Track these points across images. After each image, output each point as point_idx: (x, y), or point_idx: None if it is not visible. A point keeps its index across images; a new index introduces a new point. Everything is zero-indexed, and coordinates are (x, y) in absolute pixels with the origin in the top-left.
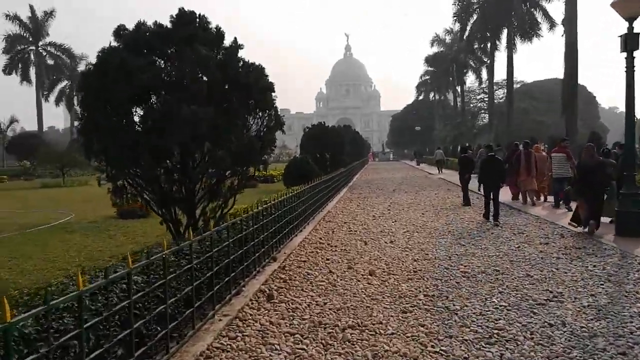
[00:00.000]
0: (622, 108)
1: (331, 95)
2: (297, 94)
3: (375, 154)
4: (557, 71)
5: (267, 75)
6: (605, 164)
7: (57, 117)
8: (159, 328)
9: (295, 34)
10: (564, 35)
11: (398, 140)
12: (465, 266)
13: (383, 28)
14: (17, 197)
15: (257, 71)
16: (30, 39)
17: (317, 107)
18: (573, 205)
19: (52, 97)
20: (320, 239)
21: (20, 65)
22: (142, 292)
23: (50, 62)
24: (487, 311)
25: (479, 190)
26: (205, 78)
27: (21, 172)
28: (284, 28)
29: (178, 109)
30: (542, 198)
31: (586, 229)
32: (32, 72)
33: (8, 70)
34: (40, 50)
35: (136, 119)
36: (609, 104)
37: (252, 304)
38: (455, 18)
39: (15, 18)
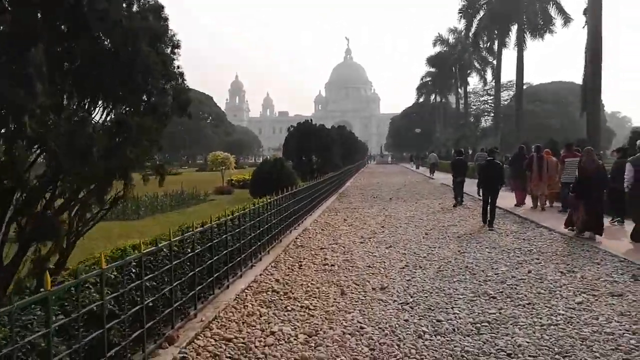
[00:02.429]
0: (624, 113)
1: (330, 98)
2: (297, 96)
3: (374, 156)
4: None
5: (164, 18)
6: (604, 168)
7: None
8: None
9: (296, 37)
10: (587, 25)
11: (397, 143)
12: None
13: (384, 31)
14: None
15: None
16: None
17: (316, 109)
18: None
19: None
20: (277, 280)
21: None
22: None
23: None
24: None
25: (478, 194)
26: None
27: None
28: (284, 31)
29: None
30: (547, 203)
31: (584, 234)
32: None
33: None
34: None
35: None
36: (611, 108)
37: None
38: (460, 14)
39: None
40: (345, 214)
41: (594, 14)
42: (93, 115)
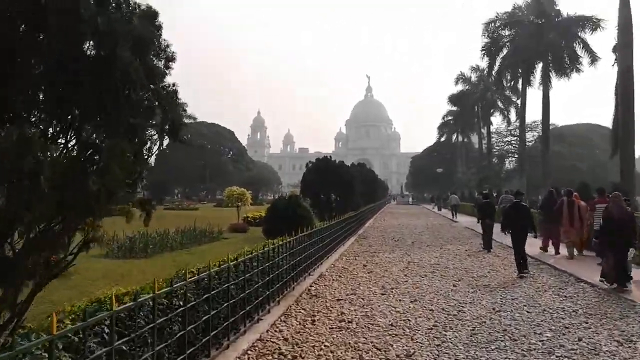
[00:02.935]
0: None
1: (351, 136)
2: (318, 134)
3: (394, 196)
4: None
5: (158, 26)
6: (633, 215)
7: None
8: None
9: (318, 73)
10: (617, 64)
11: (418, 182)
12: None
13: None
14: None
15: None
16: None
17: (337, 147)
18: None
19: None
20: (286, 339)
21: None
22: None
23: None
24: None
25: (504, 233)
26: None
27: None
28: (306, 67)
29: None
30: (576, 251)
31: (614, 285)
32: None
33: None
34: None
35: None
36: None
37: None
38: (483, 52)
39: None
40: (364, 259)
41: (625, 51)
42: (54, 135)
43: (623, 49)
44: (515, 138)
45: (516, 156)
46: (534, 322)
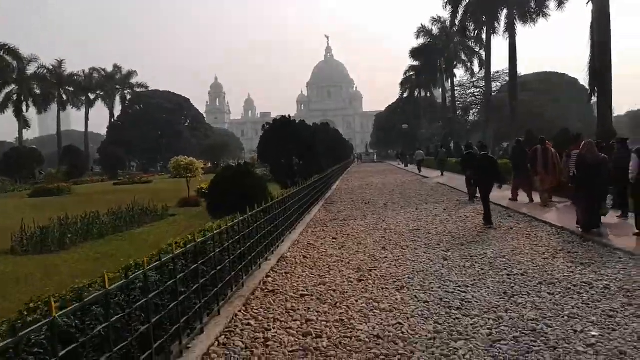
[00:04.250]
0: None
1: (312, 98)
2: (279, 97)
3: (360, 155)
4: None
5: None
6: (607, 161)
7: None
8: None
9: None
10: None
11: (382, 140)
12: None
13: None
14: None
15: None
16: None
17: (299, 109)
18: None
19: None
20: None
21: None
22: None
23: None
24: None
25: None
26: None
27: None
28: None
29: None
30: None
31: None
32: None
33: None
34: None
35: None
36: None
37: None
38: (446, 1)
39: None
40: (334, 229)
41: None
42: None
43: None
44: (477, 90)
45: (479, 108)
46: (564, 311)
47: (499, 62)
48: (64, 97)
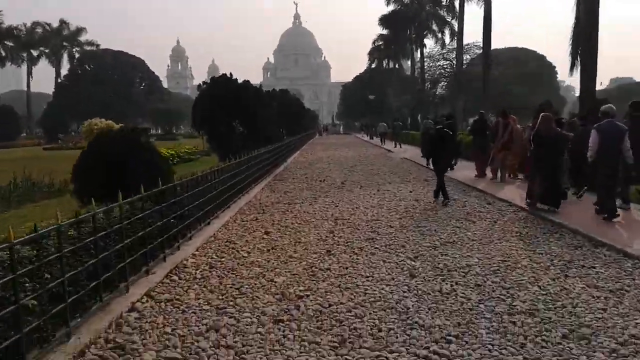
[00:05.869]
0: (567, 82)
1: (279, 65)
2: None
3: (325, 127)
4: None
5: None
6: (564, 136)
7: None
8: None
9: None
10: None
11: (349, 112)
12: None
13: None
14: None
15: None
16: None
17: (265, 77)
18: None
19: None
20: None
21: None
22: None
23: None
24: None
25: (427, 165)
26: None
27: None
28: None
29: None
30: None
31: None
32: None
33: None
34: None
35: None
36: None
37: None
38: None
39: None
40: (271, 217)
41: None
42: None
43: None
44: (447, 62)
45: (448, 81)
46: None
47: (471, 35)
48: (2, 52)
